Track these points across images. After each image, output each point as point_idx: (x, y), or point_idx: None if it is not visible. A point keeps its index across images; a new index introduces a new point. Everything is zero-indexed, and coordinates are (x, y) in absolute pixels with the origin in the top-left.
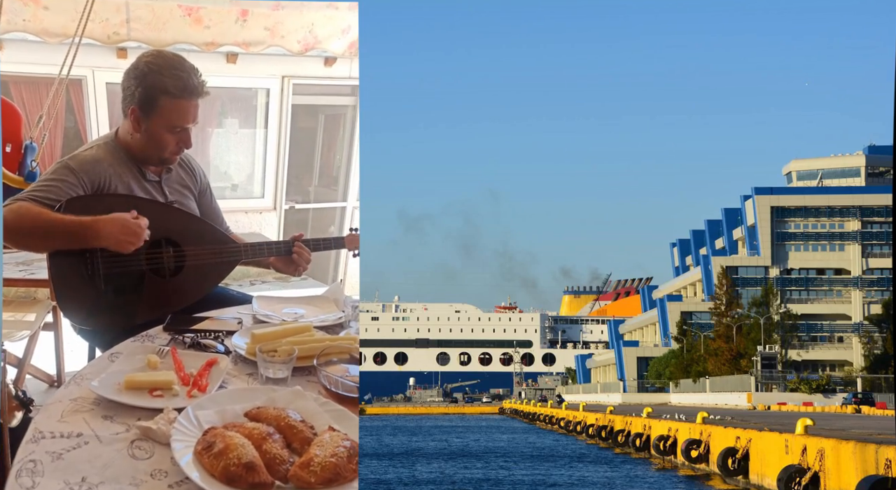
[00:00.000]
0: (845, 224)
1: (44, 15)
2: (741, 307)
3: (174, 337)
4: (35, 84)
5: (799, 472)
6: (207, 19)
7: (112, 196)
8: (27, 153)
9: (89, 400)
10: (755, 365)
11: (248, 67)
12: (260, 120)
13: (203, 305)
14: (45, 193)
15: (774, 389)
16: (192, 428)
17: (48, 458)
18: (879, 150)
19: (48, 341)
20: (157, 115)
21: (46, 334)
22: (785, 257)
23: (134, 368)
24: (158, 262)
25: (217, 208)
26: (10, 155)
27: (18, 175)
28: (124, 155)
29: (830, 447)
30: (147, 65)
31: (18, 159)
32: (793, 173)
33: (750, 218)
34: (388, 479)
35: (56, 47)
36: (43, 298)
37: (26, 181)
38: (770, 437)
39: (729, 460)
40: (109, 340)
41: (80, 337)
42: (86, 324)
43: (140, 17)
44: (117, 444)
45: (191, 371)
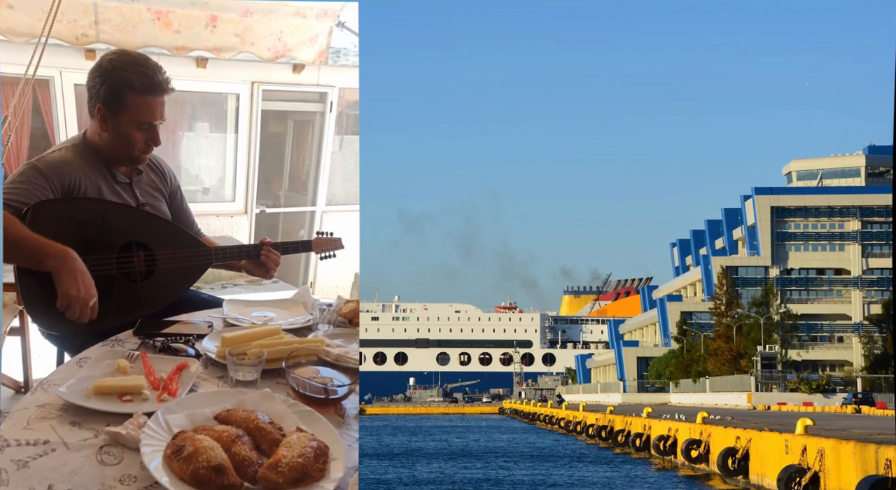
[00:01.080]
0: (845, 224)
1: (8, 14)
2: (741, 307)
3: (144, 341)
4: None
5: (799, 472)
6: (177, 23)
7: (82, 199)
8: None
9: (56, 406)
10: (755, 365)
11: (218, 72)
12: (230, 124)
13: (174, 309)
14: (14, 196)
15: (774, 389)
16: (161, 432)
17: (13, 467)
18: (879, 150)
19: (14, 347)
20: (124, 111)
21: (13, 339)
22: (785, 257)
23: (103, 373)
24: (129, 265)
25: (188, 211)
26: None
27: None
28: (94, 157)
29: (830, 447)
30: (111, 62)
31: None
32: (793, 173)
33: (750, 218)
34: (388, 479)
35: (21, 47)
36: (9, 302)
37: None
38: (770, 437)
39: (729, 460)
40: (78, 345)
41: (49, 342)
42: (54, 329)
43: (109, 19)
44: (85, 451)
45: (161, 375)
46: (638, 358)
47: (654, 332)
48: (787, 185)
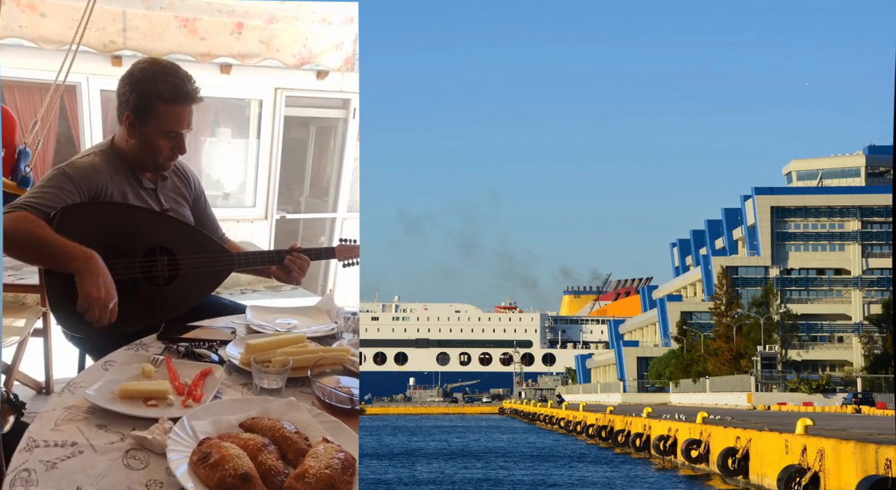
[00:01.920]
0: (845, 224)
1: (40, 22)
2: (741, 307)
3: (168, 346)
4: (28, 89)
5: (799, 472)
6: (203, 31)
7: (108, 204)
8: (21, 158)
9: (83, 408)
10: (755, 365)
11: (242, 78)
12: (252, 130)
13: (196, 314)
14: (42, 200)
15: (774, 389)
16: (187, 438)
17: (42, 467)
18: (879, 150)
19: (37, 348)
20: (152, 120)
21: (35, 340)
22: (785, 257)
23: (128, 377)
24: (153, 270)
25: (212, 216)
26: (3, 160)
27: (11, 180)
28: (120, 162)
29: (830, 447)
30: (142, 71)
31: (12, 164)
32: (793, 173)
33: (750, 218)
34: (388, 479)
35: (51, 54)
36: (32, 304)
37: (19, 187)
38: (770, 437)
39: (729, 460)
40: (101, 348)
41: (72, 343)
42: (78, 331)
43: (136, 26)
44: (112, 454)
45: (185, 380)
46: (638, 358)
47: (654, 332)
48: (787, 185)
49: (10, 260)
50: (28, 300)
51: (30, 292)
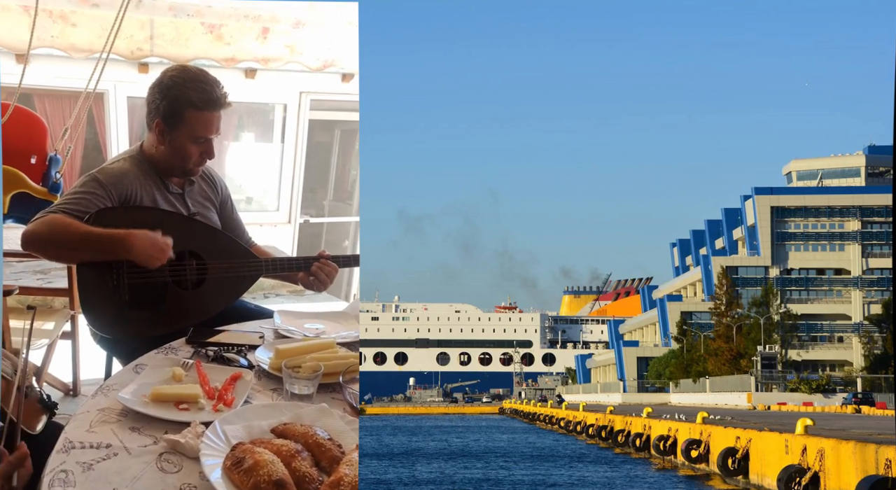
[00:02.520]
0: (845, 224)
1: (71, 31)
2: (741, 307)
3: (197, 350)
4: (58, 97)
5: (799, 472)
6: (228, 36)
7: (137, 208)
8: (51, 165)
9: (116, 411)
10: (755, 365)
11: (266, 83)
12: (276, 134)
13: (223, 318)
14: (75, 206)
15: (774, 389)
16: (219, 443)
17: (79, 469)
18: (879, 150)
19: (65, 350)
20: (182, 127)
21: (64, 343)
22: (785, 257)
23: (159, 381)
24: (181, 274)
25: (238, 220)
26: (34, 166)
27: (42, 186)
28: (149, 168)
29: (830, 447)
30: (172, 79)
31: (43, 170)
32: (793, 173)
33: (750, 218)
34: (388, 479)
35: (79, 62)
36: (60, 307)
37: (50, 192)
38: (770, 437)
39: (729, 460)
40: (129, 351)
41: (100, 346)
42: (108, 333)
43: (163, 33)
44: (146, 457)
45: (215, 385)
46: (638, 358)
47: (654, 332)
48: (787, 185)
49: (38, 263)
50: (56, 303)
51: (58, 296)
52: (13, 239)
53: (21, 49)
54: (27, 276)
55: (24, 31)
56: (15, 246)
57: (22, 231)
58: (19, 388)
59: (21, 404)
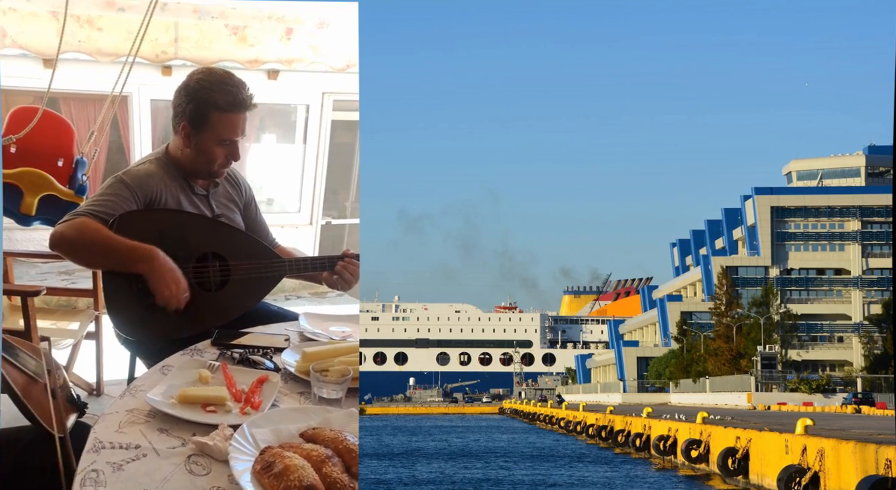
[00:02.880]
0: (845, 224)
1: (98, 36)
2: (741, 307)
3: (223, 352)
4: (83, 101)
5: (799, 472)
6: (252, 38)
7: (162, 210)
8: (77, 167)
9: (144, 411)
10: (755, 365)
11: (289, 84)
12: (298, 135)
13: (246, 320)
14: (102, 207)
15: (774, 389)
16: (248, 446)
17: (109, 469)
18: (879, 150)
19: (89, 350)
20: (208, 129)
21: (88, 343)
22: (785, 257)
23: (186, 382)
24: (204, 276)
25: (262, 222)
26: (61, 169)
27: (69, 188)
28: (174, 170)
29: (830, 447)
30: (198, 82)
31: (69, 173)
32: (793, 173)
33: (750, 218)
34: (388, 479)
35: (104, 65)
36: (83, 308)
37: (77, 194)
38: (770, 437)
39: (729, 460)
40: (153, 351)
41: (124, 347)
42: (133, 335)
43: (187, 36)
44: (174, 459)
45: (242, 387)
46: (638, 358)
47: (654, 332)
48: (787, 185)
49: (62, 264)
50: (79, 304)
51: (81, 296)
52: (38, 240)
53: (48, 54)
54: (52, 276)
55: (52, 36)
56: (42, 247)
57: (51, 232)
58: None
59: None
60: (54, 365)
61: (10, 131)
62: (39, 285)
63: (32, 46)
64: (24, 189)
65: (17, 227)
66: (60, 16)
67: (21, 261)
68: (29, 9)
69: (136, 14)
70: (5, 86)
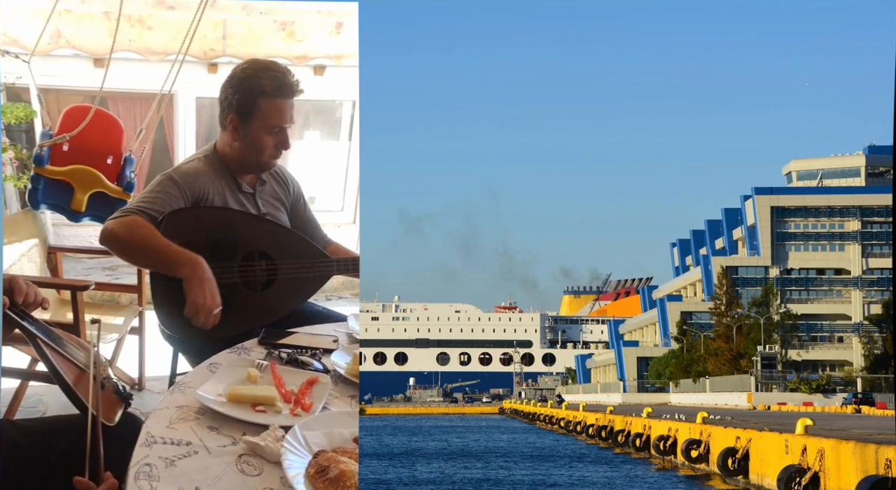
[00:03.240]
0: (845, 224)
1: (148, 34)
2: (741, 307)
3: (270, 351)
4: (130, 99)
5: (799, 472)
6: (301, 33)
7: (209, 208)
8: (126, 165)
9: (194, 408)
10: (755, 365)
11: (335, 80)
12: (343, 132)
13: (292, 320)
14: (152, 205)
15: (774, 389)
16: (300, 449)
17: (162, 464)
18: (879, 150)
19: (132, 345)
20: (256, 117)
21: (132, 338)
22: (785, 257)
23: (235, 381)
24: (251, 274)
25: (313, 220)
26: (110, 166)
27: (117, 185)
28: (222, 167)
29: (830, 447)
30: (243, 71)
31: (117, 170)
32: (793, 173)
33: (750, 218)
34: (388, 479)
35: (152, 64)
36: (126, 303)
37: (124, 191)
38: (770, 437)
39: (729, 460)
40: (196, 349)
41: (168, 343)
42: (178, 333)
43: (235, 33)
44: (225, 457)
45: (291, 388)
46: (638, 358)
47: (654, 332)
48: (787, 185)
49: (107, 260)
50: (122, 299)
51: (125, 292)
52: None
53: (98, 53)
54: (96, 272)
55: (104, 35)
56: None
57: (101, 228)
58: (96, 378)
59: (98, 396)
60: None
61: (63, 129)
62: (88, 280)
63: (85, 46)
64: (75, 186)
65: (65, 222)
66: (113, 16)
67: (68, 256)
68: (83, 10)
69: (186, 12)
70: (56, 85)
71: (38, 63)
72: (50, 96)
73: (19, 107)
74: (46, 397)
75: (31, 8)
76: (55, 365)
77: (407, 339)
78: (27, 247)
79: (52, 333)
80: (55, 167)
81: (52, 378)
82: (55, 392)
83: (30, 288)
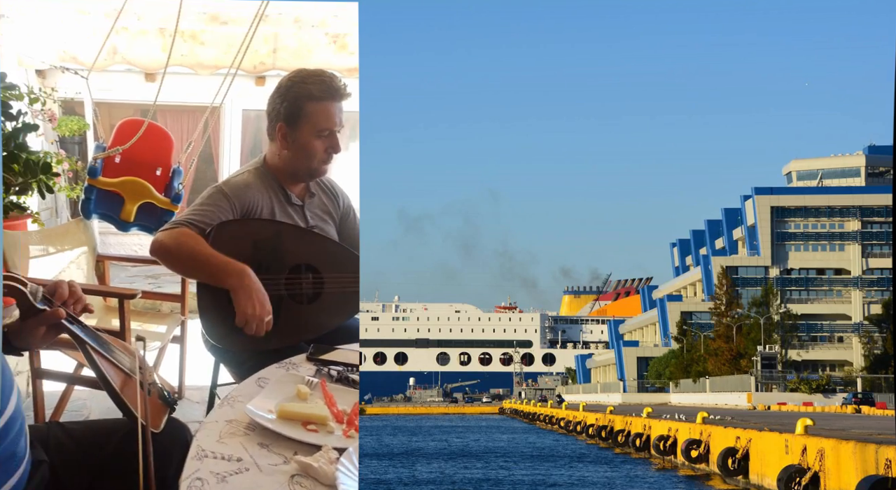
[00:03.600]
0: (845, 224)
1: (200, 49)
2: (741, 307)
3: (319, 368)
4: (178, 112)
5: (799, 472)
6: (353, 45)
7: (258, 220)
8: (174, 177)
9: (243, 423)
10: (755, 365)
11: None
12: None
13: (338, 335)
14: (201, 217)
15: (774, 389)
16: (354, 472)
17: (213, 479)
18: (879, 150)
19: (174, 354)
20: (304, 123)
21: (173, 346)
22: (785, 257)
23: (284, 397)
24: (297, 287)
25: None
26: (159, 178)
27: (165, 196)
28: (271, 179)
29: (830, 447)
30: (290, 80)
31: (165, 182)
32: (793, 173)
33: (750, 218)
34: (388, 479)
35: (202, 78)
36: (167, 312)
37: (172, 203)
38: (770, 437)
39: (729, 460)
40: (239, 360)
41: (210, 353)
42: (222, 343)
43: (286, 46)
44: (277, 476)
45: (343, 408)
46: (638, 358)
47: (654, 332)
48: (787, 185)
49: (150, 269)
50: (163, 308)
51: (170, 300)
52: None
53: (152, 68)
54: (139, 280)
55: (157, 51)
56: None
57: (152, 239)
58: (142, 385)
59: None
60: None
61: (116, 142)
62: (135, 289)
63: (139, 62)
64: (125, 196)
65: (113, 231)
66: (167, 32)
67: (114, 264)
68: (139, 27)
69: (239, 26)
70: (110, 99)
71: (94, 78)
72: (103, 110)
73: (73, 120)
74: (90, 401)
75: (90, 27)
76: (103, 370)
77: (407, 339)
78: (76, 254)
79: (101, 339)
80: (108, 179)
81: (97, 383)
82: (99, 396)
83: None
